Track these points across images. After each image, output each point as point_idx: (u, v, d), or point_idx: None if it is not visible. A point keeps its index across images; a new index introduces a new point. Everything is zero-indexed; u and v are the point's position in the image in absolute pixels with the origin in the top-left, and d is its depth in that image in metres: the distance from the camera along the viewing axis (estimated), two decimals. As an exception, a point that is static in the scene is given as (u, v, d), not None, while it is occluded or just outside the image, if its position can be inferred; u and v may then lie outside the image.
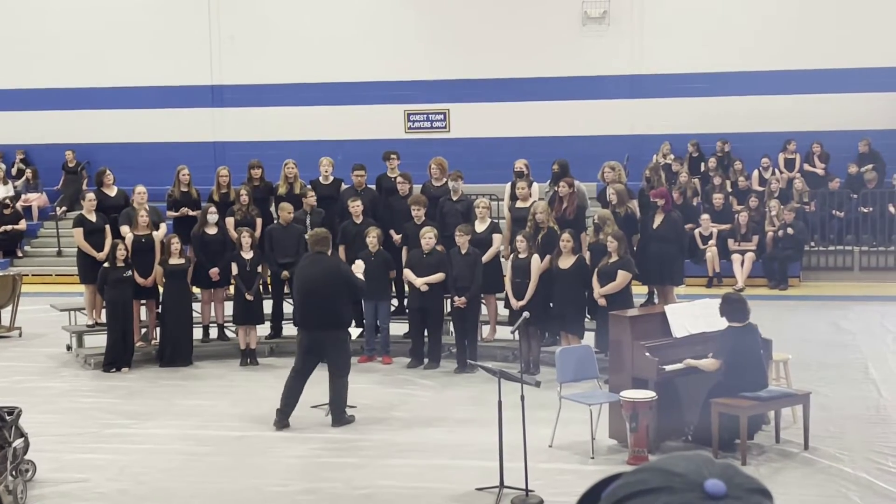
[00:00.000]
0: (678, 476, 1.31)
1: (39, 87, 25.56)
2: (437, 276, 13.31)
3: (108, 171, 15.62)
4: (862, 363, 13.25)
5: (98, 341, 14.20)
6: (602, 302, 12.25)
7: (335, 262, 11.36)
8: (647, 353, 9.77)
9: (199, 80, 25.40)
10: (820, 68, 22.88)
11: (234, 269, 14.07)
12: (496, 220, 14.68)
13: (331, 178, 15.40)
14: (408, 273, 13.54)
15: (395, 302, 14.88)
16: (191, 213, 15.17)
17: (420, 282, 13.29)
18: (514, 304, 12.83)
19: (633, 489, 1.31)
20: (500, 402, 8.48)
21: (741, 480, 1.31)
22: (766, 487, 1.33)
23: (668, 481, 1.30)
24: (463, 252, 13.20)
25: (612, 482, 1.37)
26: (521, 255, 12.96)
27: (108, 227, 14.61)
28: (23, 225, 23.73)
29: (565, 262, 12.64)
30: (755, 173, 22.20)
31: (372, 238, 13.70)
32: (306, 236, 12.49)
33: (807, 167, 22.47)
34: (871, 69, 22.69)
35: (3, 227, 23.41)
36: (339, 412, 10.90)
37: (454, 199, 14.40)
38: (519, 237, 13.03)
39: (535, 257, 12.86)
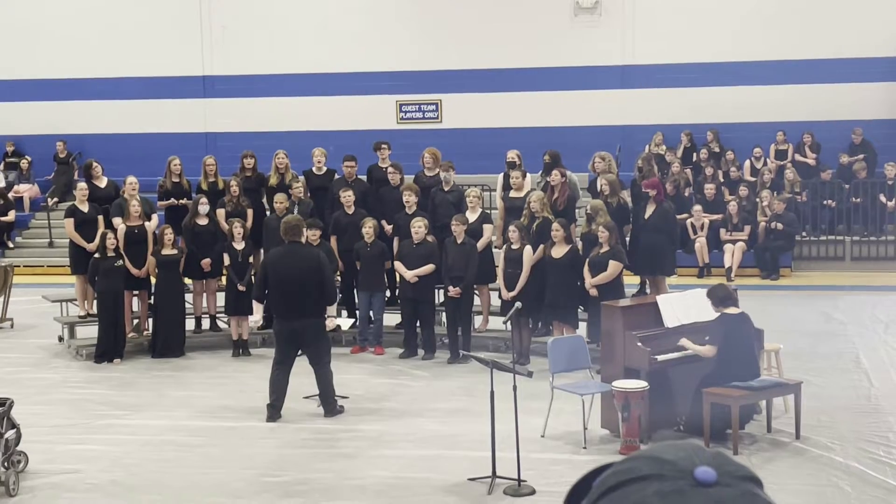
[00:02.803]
0: (668, 463, 1.31)
1: (30, 78, 25.47)
2: (427, 268, 13.30)
3: (95, 164, 15.56)
4: (853, 353, 13.29)
5: (90, 332, 14.18)
6: (593, 292, 12.26)
7: (311, 251, 11.30)
8: (639, 344, 9.79)
9: (190, 70, 25.33)
10: (812, 58, 22.90)
11: (226, 259, 14.06)
12: (487, 211, 14.68)
13: (324, 169, 15.38)
14: (398, 265, 13.53)
15: (388, 293, 14.88)
16: (178, 202, 15.10)
17: (410, 274, 13.28)
18: (506, 294, 12.82)
19: (624, 477, 1.31)
20: (492, 393, 8.49)
21: (731, 468, 1.31)
22: (756, 475, 1.34)
23: (659, 469, 1.30)
24: (458, 242, 13.19)
25: (603, 472, 1.37)
26: (513, 246, 12.95)
27: (100, 217, 14.58)
28: (11, 216, 23.63)
29: (558, 251, 12.65)
30: (747, 163, 22.21)
31: (368, 229, 13.69)
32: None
33: (798, 157, 22.49)
34: (863, 59, 22.71)
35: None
36: (330, 402, 10.91)
37: (446, 189, 14.40)
38: (511, 227, 13.01)
39: (528, 248, 12.86)
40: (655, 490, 1.28)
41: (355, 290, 14.25)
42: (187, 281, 14.53)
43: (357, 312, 14.08)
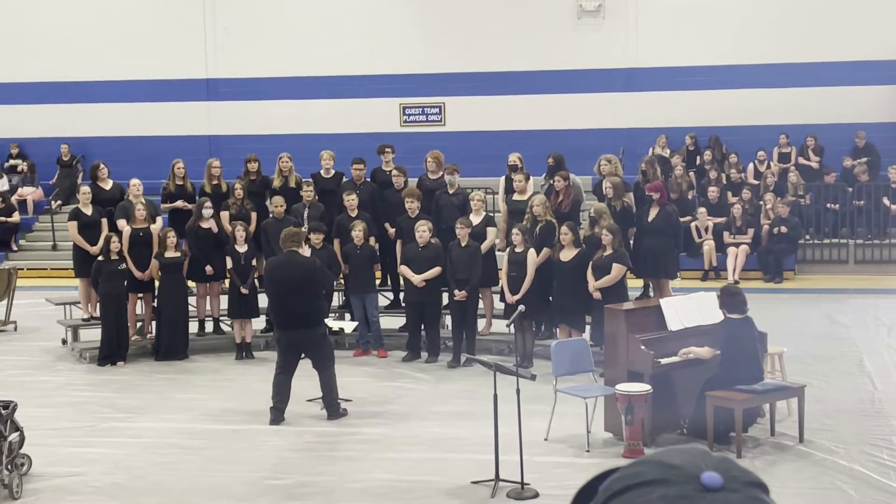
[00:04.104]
0: (675, 468, 1.30)
1: (34, 81, 25.49)
2: (434, 271, 13.30)
3: (102, 165, 15.59)
4: (857, 356, 13.27)
5: (93, 335, 14.19)
6: (597, 295, 12.24)
7: (309, 260, 11.31)
8: (643, 347, 9.78)
9: (193, 73, 25.35)
10: (815, 61, 22.89)
11: (229, 262, 14.05)
12: (491, 214, 14.67)
13: (332, 172, 15.37)
14: (404, 269, 13.52)
15: (390, 296, 14.89)
16: (185, 206, 15.10)
17: (418, 279, 13.28)
18: (510, 298, 12.81)
19: (630, 482, 1.31)
20: (495, 396, 8.49)
21: (738, 473, 1.31)
22: (762, 481, 1.33)
23: (665, 474, 1.30)
24: (463, 244, 13.19)
25: (609, 476, 1.37)
26: (517, 249, 12.94)
27: (104, 220, 14.58)
28: (16, 217, 23.64)
29: (566, 255, 12.63)
30: (750, 166, 22.21)
31: (357, 232, 13.71)
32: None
33: (801, 160, 22.49)
34: (866, 62, 22.71)
35: (-2, 221, 23.39)
36: (333, 405, 10.91)
37: (450, 192, 14.40)
38: (515, 230, 13.00)
39: (532, 251, 12.85)
40: (661, 495, 1.27)
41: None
42: (190, 284, 14.53)
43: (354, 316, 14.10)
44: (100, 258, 13.76)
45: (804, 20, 22.92)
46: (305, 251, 12.29)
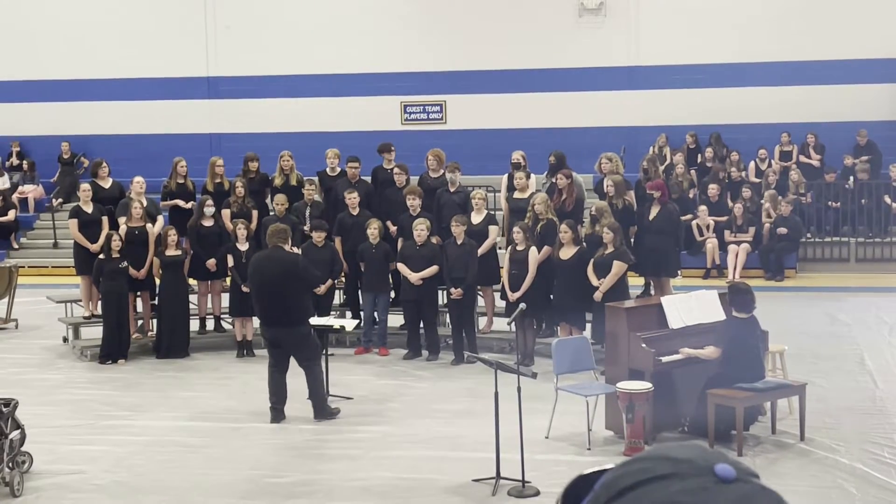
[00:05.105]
0: (685, 462, 1.28)
1: (35, 79, 25.49)
2: (431, 270, 13.30)
3: (104, 163, 15.60)
4: (858, 354, 13.27)
5: (94, 333, 14.18)
6: (597, 296, 12.18)
7: (292, 257, 11.20)
8: (644, 345, 9.78)
9: (194, 71, 25.34)
10: (816, 59, 22.88)
11: (230, 260, 14.05)
12: (492, 212, 14.66)
13: (338, 170, 15.35)
14: (401, 266, 13.52)
15: (392, 293, 14.88)
16: (183, 204, 15.08)
17: (415, 277, 13.27)
18: (511, 296, 12.80)
19: (639, 478, 1.28)
20: (496, 394, 8.49)
21: (741, 466, 1.30)
22: (757, 474, 1.33)
23: (677, 468, 1.27)
24: (458, 243, 13.19)
25: (602, 474, 1.33)
26: (518, 247, 12.94)
27: (105, 218, 14.58)
28: (12, 216, 23.57)
29: (566, 252, 12.62)
30: (752, 165, 22.20)
31: (373, 230, 13.71)
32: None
33: (802, 159, 22.47)
34: (868, 60, 22.69)
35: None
36: (320, 404, 10.83)
37: (451, 190, 14.39)
38: (516, 228, 13.00)
39: (533, 249, 12.84)
40: (680, 488, 1.24)
41: (359, 292, 14.30)
42: (192, 282, 14.53)
43: (361, 314, 14.11)
44: (101, 256, 13.76)
45: (805, 18, 22.90)
46: (294, 249, 12.30)
